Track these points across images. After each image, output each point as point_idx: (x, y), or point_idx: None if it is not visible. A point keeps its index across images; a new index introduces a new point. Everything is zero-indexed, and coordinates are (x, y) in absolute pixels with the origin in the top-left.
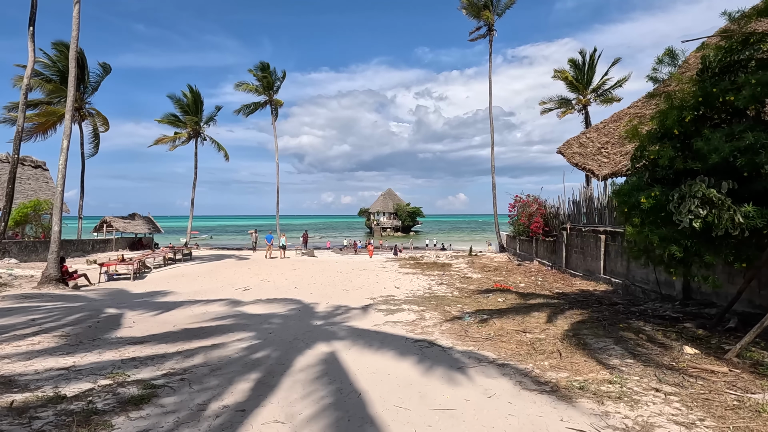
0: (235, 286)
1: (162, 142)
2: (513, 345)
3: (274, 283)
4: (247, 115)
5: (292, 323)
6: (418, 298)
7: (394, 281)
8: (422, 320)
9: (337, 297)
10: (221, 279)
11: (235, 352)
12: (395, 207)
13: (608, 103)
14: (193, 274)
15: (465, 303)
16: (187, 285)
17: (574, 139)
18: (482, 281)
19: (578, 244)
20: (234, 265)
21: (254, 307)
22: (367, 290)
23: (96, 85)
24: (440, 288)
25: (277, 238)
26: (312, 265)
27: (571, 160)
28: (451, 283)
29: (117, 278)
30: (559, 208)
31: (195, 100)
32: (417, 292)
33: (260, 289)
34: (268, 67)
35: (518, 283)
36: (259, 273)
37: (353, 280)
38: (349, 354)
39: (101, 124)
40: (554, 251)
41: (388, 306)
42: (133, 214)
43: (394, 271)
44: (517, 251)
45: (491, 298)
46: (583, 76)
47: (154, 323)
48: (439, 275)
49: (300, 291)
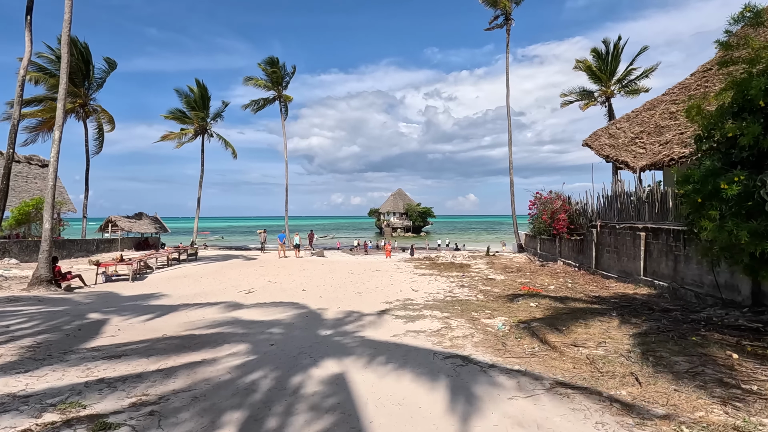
0: (238, 288)
1: (168, 138)
2: (568, 364)
3: (280, 284)
4: (256, 111)
5: (298, 332)
6: (439, 302)
7: (411, 283)
8: (449, 329)
9: (348, 301)
10: (225, 280)
11: (226, 371)
12: (406, 207)
13: (634, 95)
14: (197, 275)
15: (493, 309)
16: (187, 287)
17: (603, 130)
18: (507, 283)
19: (611, 242)
20: (240, 266)
21: (256, 312)
22: (381, 293)
23: (101, 81)
24: (462, 291)
25: (289, 237)
26: (321, 265)
27: (601, 152)
28: (473, 285)
29: (116, 279)
30: (587, 204)
31: (202, 95)
32: (437, 295)
33: (265, 292)
34: (278, 62)
35: (547, 285)
36: (266, 274)
37: (366, 282)
38: (366, 375)
39: (106, 121)
40: (581, 251)
41: (407, 312)
42: (139, 214)
43: (410, 272)
44: (538, 251)
45: (522, 303)
46: (607, 67)
47: (142, 331)
48: (458, 277)
49: (308, 294)
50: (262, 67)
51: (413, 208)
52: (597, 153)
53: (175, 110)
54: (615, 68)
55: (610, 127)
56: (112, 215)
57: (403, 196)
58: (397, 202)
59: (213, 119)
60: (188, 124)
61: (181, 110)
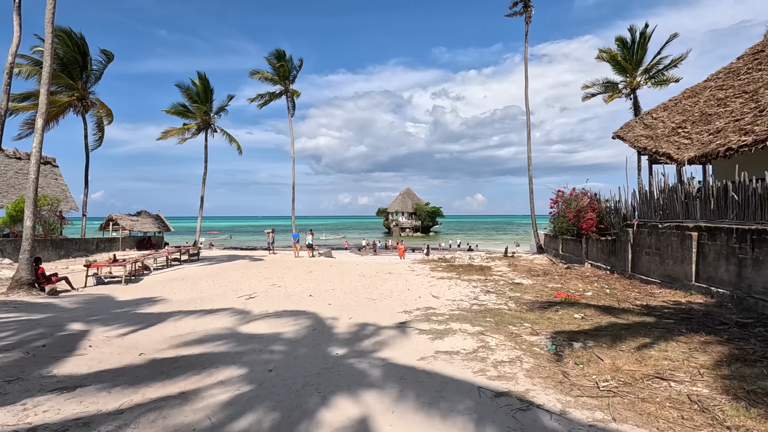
0: (239, 292)
1: (170, 134)
2: (670, 410)
3: (285, 289)
4: (261, 107)
5: (303, 352)
6: (466, 312)
7: (429, 288)
8: (488, 350)
9: (361, 310)
10: (225, 284)
11: (207, 414)
12: (414, 207)
13: (663, 85)
14: (196, 276)
15: (533, 321)
16: (183, 291)
17: (636, 121)
18: (537, 288)
19: (651, 243)
20: (244, 267)
21: (255, 323)
22: (398, 300)
23: (99, 73)
24: (489, 298)
25: (303, 236)
26: (330, 267)
27: (636, 144)
28: (499, 291)
29: (110, 282)
30: (619, 201)
31: (205, 88)
32: (461, 303)
33: (267, 298)
34: (284, 55)
35: (583, 291)
36: (270, 276)
37: (379, 287)
38: (394, 422)
39: (105, 115)
40: (613, 252)
41: (432, 325)
42: (140, 212)
43: (426, 275)
44: (560, 252)
45: (562, 313)
46: (633, 56)
47: (117, 348)
48: (481, 281)
49: (315, 300)
50: (268, 61)
51: (422, 208)
52: (632, 145)
53: (177, 105)
54: (641, 58)
55: (645, 117)
56: (113, 213)
57: (412, 195)
58: (405, 202)
59: (217, 113)
60: (191, 119)
61: (184, 105)
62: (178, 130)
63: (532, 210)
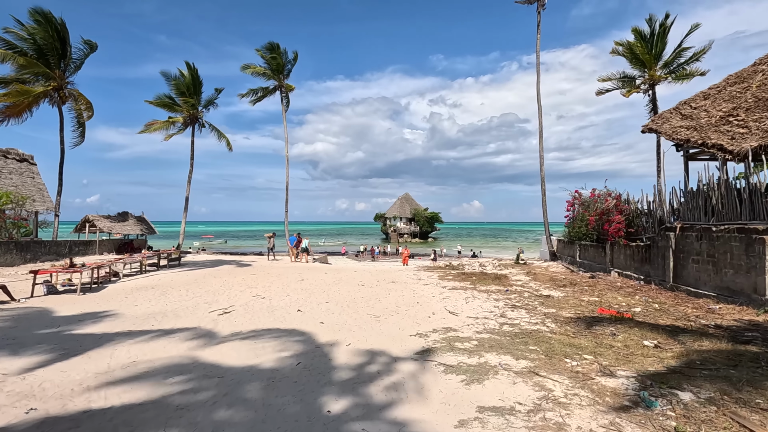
0: (214, 305)
1: (154, 128)
2: None
3: (269, 301)
4: (255, 103)
5: (280, 407)
6: (498, 335)
7: (443, 301)
8: (556, 405)
9: (363, 331)
10: (201, 293)
11: None
12: (413, 212)
13: (685, 80)
14: (169, 285)
15: (591, 350)
16: (147, 303)
17: (671, 112)
18: (571, 302)
19: (702, 249)
20: (228, 274)
21: (222, 351)
22: (407, 317)
23: (79, 62)
24: (519, 315)
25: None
26: (325, 274)
27: (676, 135)
28: (528, 305)
29: (66, 290)
30: (654, 201)
31: (193, 79)
32: (487, 321)
33: (246, 313)
34: (278, 48)
35: (627, 306)
36: (255, 285)
37: (383, 299)
38: None
39: (85, 108)
40: (646, 260)
41: (459, 355)
42: (123, 213)
43: (436, 284)
44: (577, 259)
45: (622, 337)
46: (651, 49)
47: (8, 397)
48: (501, 292)
49: (305, 317)
50: (261, 55)
51: (420, 213)
52: (669, 138)
53: (163, 96)
54: (661, 50)
55: (682, 107)
56: (89, 214)
57: (410, 200)
58: (404, 207)
59: (205, 107)
60: (177, 112)
61: (170, 96)
62: (162, 124)
63: (544, 214)
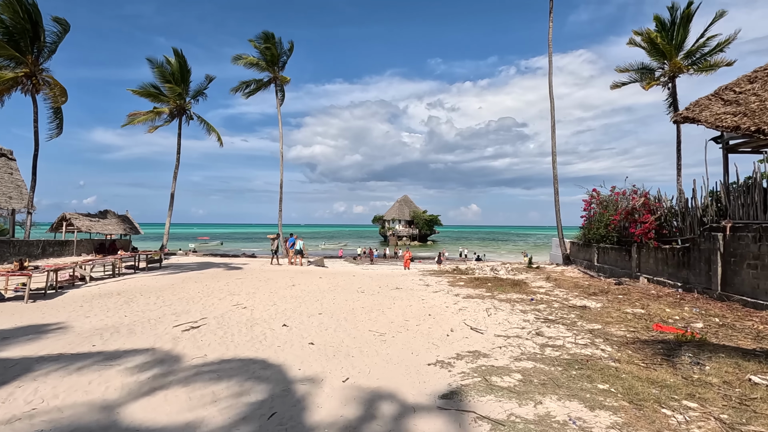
0: (183, 316)
1: (138, 119)
2: None
3: (251, 312)
4: (248, 96)
5: None
6: (544, 362)
7: (459, 313)
8: None
9: (365, 357)
10: (173, 301)
11: None
12: (412, 214)
13: (710, 71)
14: (140, 290)
15: (691, 393)
16: (104, 313)
17: (710, 98)
18: (613, 315)
19: (763, 253)
20: (212, 278)
21: (165, 394)
22: (420, 335)
23: (53, 46)
24: (558, 333)
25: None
26: (319, 279)
27: (720, 123)
28: (565, 319)
29: (14, 297)
30: (692, 198)
31: (181, 67)
32: (523, 343)
33: (218, 328)
34: (273, 37)
35: (681, 320)
36: (238, 291)
37: (387, 310)
38: None
39: (59, 95)
40: (685, 264)
41: (502, 400)
42: (104, 212)
43: (447, 291)
44: (595, 263)
45: (714, 368)
46: (672, 38)
47: None
48: (525, 301)
49: (291, 334)
50: (254, 44)
51: (420, 216)
52: (711, 126)
53: (148, 85)
54: (683, 40)
55: (724, 92)
56: (66, 212)
57: (409, 203)
58: (402, 209)
59: (194, 98)
60: (164, 102)
61: (155, 85)
62: (146, 115)
63: (557, 215)
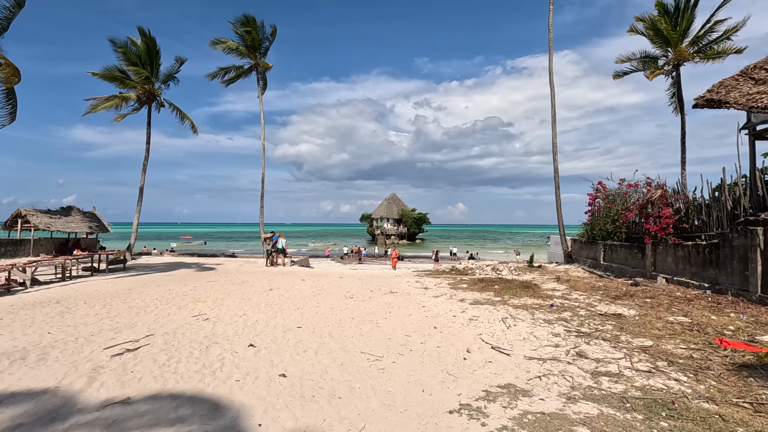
0: (123, 332)
1: (100, 106)
2: None
3: (213, 325)
4: (227, 84)
5: None
6: (612, 406)
7: (471, 325)
8: None
9: (357, 401)
10: (120, 311)
11: None
12: (400, 213)
13: (717, 59)
14: (85, 297)
15: None
16: (24, 329)
17: (737, 78)
18: (656, 325)
19: None
20: (178, 281)
21: None
22: (429, 359)
23: (5, 23)
24: (605, 352)
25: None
26: (302, 281)
27: (753, 104)
28: (602, 332)
29: None
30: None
31: (148, 49)
32: (568, 370)
33: (163, 349)
34: (254, 21)
35: (736, 329)
36: (204, 298)
37: (382, 321)
38: None
39: (11, 75)
40: (713, 263)
41: None
42: (67, 208)
43: (448, 295)
44: (601, 262)
45: None
46: (677, 24)
47: None
48: (544, 308)
49: (257, 361)
50: (234, 29)
51: (408, 214)
52: (743, 107)
53: (113, 68)
54: (688, 27)
55: (752, 71)
56: (22, 208)
57: (398, 201)
58: (391, 208)
59: (164, 82)
60: (131, 88)
61: (121, 69)
62: (111, 100)
63: (558, 210)
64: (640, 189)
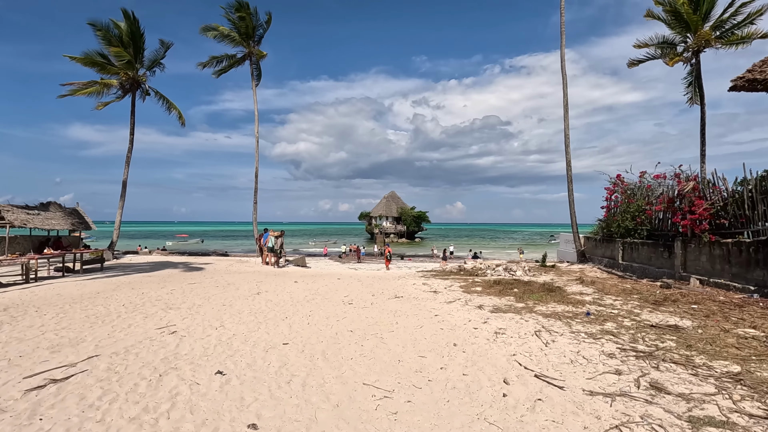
0: (63, 353)
1: (79, 92)
2: None
3: (179, 340)
4: (219, 74)
5: None
6: None
7: (499, 341)
8: None
9: None
10: (72, 323)
11: None
12: (399, 211)
13: (741, 44)
14: (39, 304)
15: None
16: None
17: None
18: (727, 341)
19: None
20: (157, 284)
21: None
22: (454, 394)
23: None
24: (683, 382)
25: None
26: (294, 284)
27: None
28: (668, 352)
29: None
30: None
31: (132, 33)
32: (648, 412)
33: (97, 383)
34: (247, 6)
35: None
36: (179, 305)
37: (387, 335)
38: None
39: None
40: (760, 263)
41: None
42: (46, 204)
43: (463, 300)
44: (620, 261)
45: None
46: (698, 8)
47: None
48: (578, 316)
49: (223, 400)
50: (226, 16)
51: (407, 212)
52: None
53: (94, 52)
54: (710, 9)
55: None
56: None
57: (396, 199)
58: (390, 206)
59: (149, 68)
60: (113, 74)
61: (103, 54)
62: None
63: (571, 206)
64: (668, 181)
